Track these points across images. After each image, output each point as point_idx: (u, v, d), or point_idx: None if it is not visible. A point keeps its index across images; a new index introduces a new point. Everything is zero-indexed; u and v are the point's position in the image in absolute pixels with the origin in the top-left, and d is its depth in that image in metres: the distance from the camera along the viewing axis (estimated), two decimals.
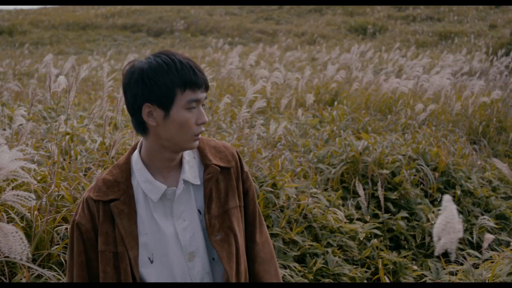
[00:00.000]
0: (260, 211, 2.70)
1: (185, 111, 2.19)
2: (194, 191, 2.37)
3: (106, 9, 44.28)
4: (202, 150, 2.42)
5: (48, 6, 50.44)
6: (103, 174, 2.39)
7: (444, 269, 4.78)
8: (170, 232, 2.30)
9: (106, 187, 2.31)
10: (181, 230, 2.31)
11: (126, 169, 2.35)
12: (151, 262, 2.30)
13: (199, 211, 2.36)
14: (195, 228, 2.34)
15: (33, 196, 3.08)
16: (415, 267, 5.12)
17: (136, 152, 2.37)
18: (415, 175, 6.50)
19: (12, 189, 3.61)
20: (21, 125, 5.46)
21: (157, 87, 2.15)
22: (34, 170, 3.91)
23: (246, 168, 2.55)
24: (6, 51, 31.05)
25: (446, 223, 2.00)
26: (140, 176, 2.31)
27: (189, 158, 2.39)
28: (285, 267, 4.53)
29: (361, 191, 5.05)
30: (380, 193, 5.27)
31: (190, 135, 2.23)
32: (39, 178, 4.55)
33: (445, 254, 2.13)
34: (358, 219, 5.58)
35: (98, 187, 2.32)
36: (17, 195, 3.27)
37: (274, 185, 5.22)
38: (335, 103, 10.78)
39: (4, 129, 6.13)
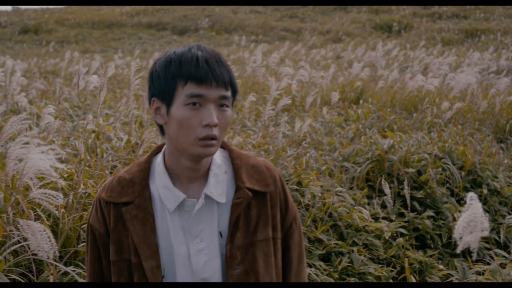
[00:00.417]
0: (303, 254, 2.29)
1: (185, 108, 1.93)
2: (218, 210, 2.07)
3: (131, 8, 44.45)
4: (237, 168, 2.12)
5: (73, 5, 50.78)
6: (122, 171, 2.19)
7: (470, 268, 4.74)
8: (182, 252, 2.04)
9: (121, 187, 2.09)
10: (195, 252, 2.03)
11: (145, 168, 2.12)
12: (163, 276, 2.05)
13: (220, 233, 2.06)
14: (213, 252, 2.05)
15: (61, 195, 3.11)
16: (441, 267, 5.09)
17: (161, 153, 2.13)
18: (441, 174, 6.45)
19: (40, 187, 3.64)
20: (48, 123, 5.50)
21: (158, 80, 1.98)
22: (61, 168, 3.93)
23: (287, 193, 2.22)
24: (32, 50, 31.30)
25: (469, 221, 1.98)
26: (160, 180, 2.07)
27: (219, 172, 2.10)
28: (310, 266, 4.52)
29: (387, 190, 5.02)
30: (406, 191, 5.24)
31: (193, 138, 1.93)
32: (66, 175, 4.59)
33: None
34: (383, 218, 5.56)
35: (112, 186, 2.11)
36: (45, 193, 3.31)
37: (299, 183, 5.21)
38: (360, 101, 10.75)
39: (31, 127, 6.17)
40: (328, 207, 5.09)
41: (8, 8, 47.56)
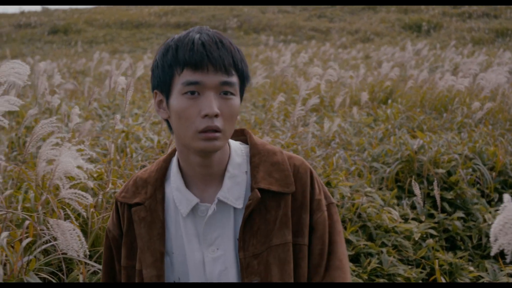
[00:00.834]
0: (340, 252, 1.96)
1: (182, 97, 1.74)
2: (236, 216, 1.89)
3: (159, 8, 44.67)
4: (254, 166, 1.92)
5: (102, 5, 51.20)
6: (142, 169, 2.06)
7: (501, 270, 4.69)
8: (196, 259, 1.88)
9: (136, 187, 1.98)
10: (210, 260, 1.87)
11: (161, 168, 1.98)
12: None
13: (239, 241, 1.87)
14: (229, 261, 1.87)
15: (89, 195, 3.12)
16: (472, 268, 5.03)
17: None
18: (471, 175, 6.39)
19: (70, 187, 3.66)
20: (78, 123, 5.54)
21: (157, 70, 1.83)
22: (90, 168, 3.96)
23: (319, 194, 1.95)
24: (62, 50, 31.59)
25: (505, 223, 1.96)
26: (174, 182, 1.92)
27: (237, 172, 1.91)
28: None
29: (417, 190, 4.98)
30: (436, 192, 5.19)
31: (192, 130, 1.74)
32: (95, 175, 4.62)
33: (504, 255, 2.08)
34: (413, 219, 5.51)
35: (128, 187, 2.01)
36: (74, 193, 3.33)
37: (328, 183, 5.19)
38: (389, 101, 10.69)
39: (59, 127, 6.22)
40: (357, 208, 5.07)
41: (38, 8, 48.10)
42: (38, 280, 3.07)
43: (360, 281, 4.42)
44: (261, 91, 12.51)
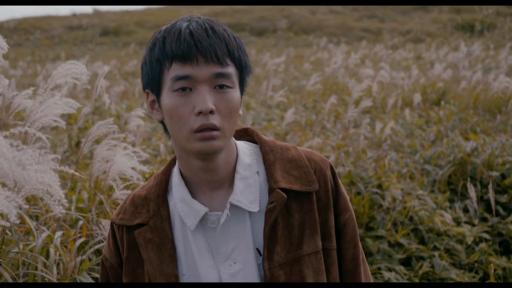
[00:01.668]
0: (364, 255, 1.81)
1: (172, 94, 1.55)
2: (252, 222, 1.66)
3: (210, 9, 44.94)
4: (269, 165, 1.69)
5: (152, 6, 51.76)
6: (139, 187, 1.83)
7: None
8: (211, 278, 1.65)
9: (134, 206, 1.74)
10: (228, 277, 1.64)
11: (162, 181, 1.75)
12: None
13: (258, 251, 1.65)
14: (250, 275, 1.65)
15: None
16: None
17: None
18: None
19: (123, 188, 3.72)
20: (138, 126, 5.60)
21: (145, 66, 1.63)
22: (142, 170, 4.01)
23: (343, 190, 1.76)
24: (112, 51, 32.00)
25: None
26: (177, 193, 1.70)
27: (247, 174, 1.69)
28: (390, 270, 4.47)
29: (472, 193, 4.90)
30: (491, 195, 5.11)
31: (187, 131, 1.54)
32: (147, 176, 4.67)
33: None
34: (466, 222, 5.45)
35: (125, 207, 1.76)
36: (127, 194, 3.37)
37: (379, 186, 5.17)
38: (442, 102, 10.58)
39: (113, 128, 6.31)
40: (409, 211, 5.03)
41: (89, 10, 48.91)
42: (91, 280, 3.12)
43: None
44: (311, 93, 12.49)
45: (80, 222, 3.43)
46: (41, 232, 3.04)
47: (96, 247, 3.37)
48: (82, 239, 3.32)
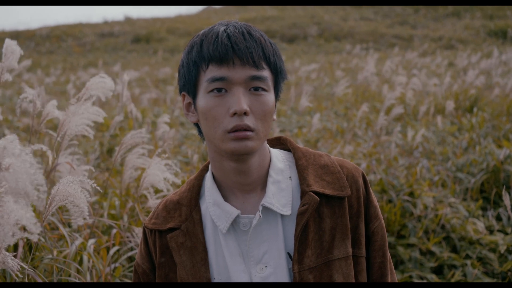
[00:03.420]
0: (392, 265, 1.81)
1: (208, 95, 1.57)
2: (284, 226, 1.67)
3: (240, 16, 45.08)
4: (302, 169, 1.71)
5: (183, 14, 52.07)
6: (171, 192, 1.89)
7: None
8: (242, 281, 1.66)
9: (167, 211, 1.77)
10: (259, 280, 1.65)
11: (194, 186, 1.77)
12: None
13: (289, 255, 1.66)
14: (282, 279, 1.66)
15: None
16: None
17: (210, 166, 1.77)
18: None
19: (157, 197, 3.75)
20: (165, 131, 5.65)
21: (183, 69, 1.66)
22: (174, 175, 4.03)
23: (374, 199, 1.77)
24: (144, 58, 32.22)
25: None
26: (209, 197, 1.72)
27: (280, 178, 1.71)
28: (421, 278, 4.45)
29: (507, 201, 4.87)
30: None
31: (221, 131, 1.56)
32: (179, 183, 4.69)
33: None
34: (498, 231, 5.40)
35: (158, 212, 1.80)
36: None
37: (411, 194, 5.14)
38: (474, 109, 10.50)
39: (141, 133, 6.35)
40: (441, 219, 5.00)
41: (121, 18, 49.40)
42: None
43: None
44: (342, 100, 12.48)
45: (114, 231, 3.45)
46: (74, 239, 3.07)
47: (129, 254, 3.39)
48: (116, 248, 3.32)
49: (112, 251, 3.21)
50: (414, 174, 5.53)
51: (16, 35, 39.78)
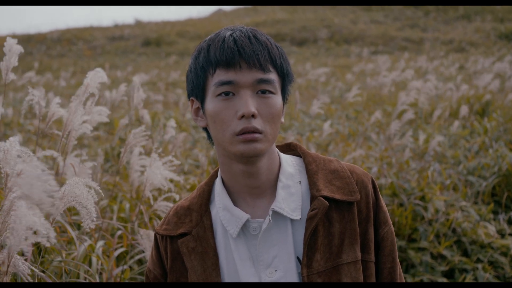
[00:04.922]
0: (401, 271, 1.82)
1: (216, 99, 1.59)
2: (294, 230, 1.68)
3: (251, 19, 45.10)
4: (312, 174, 1.73)
5: (194, 17, 52.20)
6: (182, 199, 1.89)
7: None
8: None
9: (178, 217, 1.79)
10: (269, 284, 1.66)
11: (204, 191, 1.79)
12: None
13: (298, 259, 1.66)
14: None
15: None
16: None
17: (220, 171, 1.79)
18: None
19: (164, 199, 3.75)
20: (172, 136, 5.66)
21: (190, 74, 1.69)
22: (184, 179, 4.02)
23: (383, 204, 1.78)
24: (154, 62, 32.27)
25: None
26: (219, 202, 1.74)
27: (290, 183, 1.72)
28: (432, 282, 4.44)
29: None
30: None
31: (230, 134, 1.57)
32: (188, 187, 4.70)
33: None
34: (510, 235, 5.38)
35: (169, 218, 1.82)
36: (167, 206, 3.39)
37: (422, 197, 5.13)
38: (487, 113, 10.47)
39: (149, 139, 6.37)
40: (452, 222, 4.99)
41: (131, 21, 49.52)
42: None
43: None
44: (352, 103, 12.47)
45: (119, 232, 3.46)
46: (83, 241, 3.08)
47: (138, 257, 3.40)
48: (122, 249, 3.33)
49: (117, 253, 3.21)
50: (425, 178, 5.52)
51: (27, 39, 39.95)
